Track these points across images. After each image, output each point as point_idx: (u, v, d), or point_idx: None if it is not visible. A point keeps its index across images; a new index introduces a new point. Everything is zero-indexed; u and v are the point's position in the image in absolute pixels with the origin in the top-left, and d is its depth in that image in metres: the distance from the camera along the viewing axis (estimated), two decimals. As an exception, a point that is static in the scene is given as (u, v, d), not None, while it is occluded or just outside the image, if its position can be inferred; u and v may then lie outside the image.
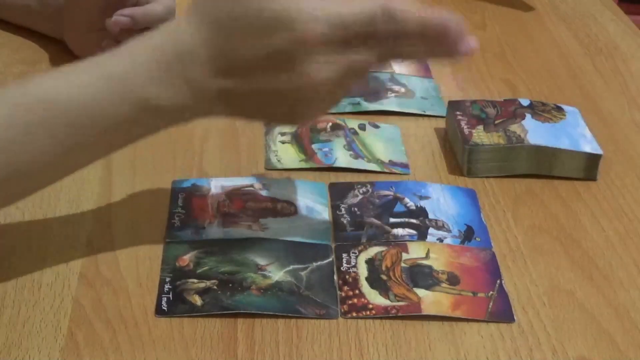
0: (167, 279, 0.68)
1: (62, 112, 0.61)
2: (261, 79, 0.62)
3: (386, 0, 0.62)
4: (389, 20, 0.62)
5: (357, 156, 0.83)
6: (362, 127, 0.88)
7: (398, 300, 0.67)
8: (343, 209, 0.77)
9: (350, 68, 0.63)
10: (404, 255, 0.72)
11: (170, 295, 0.66)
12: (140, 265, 0.69)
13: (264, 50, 0.61)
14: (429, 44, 0.64)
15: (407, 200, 0.78)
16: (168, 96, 0.62)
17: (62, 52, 0.95)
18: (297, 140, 0.85)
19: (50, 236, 0.71)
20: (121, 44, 0.64)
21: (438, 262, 0.71)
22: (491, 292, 0.69)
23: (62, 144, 0.61)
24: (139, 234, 0.72)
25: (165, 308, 0.65)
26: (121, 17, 0.86)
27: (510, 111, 0.87)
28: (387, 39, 0.62)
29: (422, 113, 0.92)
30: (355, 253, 0.72)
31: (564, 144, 0.82)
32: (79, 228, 0.72)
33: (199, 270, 0.69)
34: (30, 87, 0.62)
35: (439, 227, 0.75)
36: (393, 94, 0.95)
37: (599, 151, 0.83)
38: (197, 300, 0.66)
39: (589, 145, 0.83)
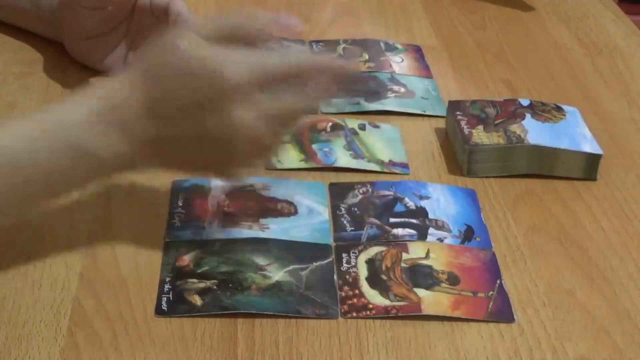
0: (167, 279, 0.68)
1: (4, 161, 0.62)
2: (191, 124, 0.64)
3: (301, 55, 0.69)
4: (306, 72, 0.67)
5: (357, 156, 0.83)
6: (362, 127, 0.88)
7: (398, 300, 0.67)
8: (343, 209, 0.77)
9: (277, 114, 0.66)
10: (404, 255, 0.72)
11: (170, 295, 0.66)
12: (140, 265, 0.69)
13: (192, 96, 0.64)
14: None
15: (407, 200, 0.78)
16: (105, 144, 0.64)
17: (61, 52, 0.95)
18: (297, 140, 0.85)
19: (50, 236, 0.71)
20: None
21: (438, 262, 0.71)
22: (491, 292, 0.69)
23: (5, 190, 0.63)
24: (139, 234, 0.72)
25: (165, 308, 0.65)
26: None
27: (510, 111, 0.87)
28: (307, 82, 0.67)
29: (422, 113, 0.92)
30: (355, 253, 0.72)
31: (564, 144, 0.82)
32: (79, 228, 0.72)
33: (199, 270, 0.69)
34: None
35: (439, 227, 0.75)
36: (393, 94, 0.95)
37: (599, 151, 0.83)
38: (197, 300, 0.66)
39: (589, 145, 0.83)
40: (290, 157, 0.83)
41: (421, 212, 0.77)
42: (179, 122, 0.64)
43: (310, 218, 0.75)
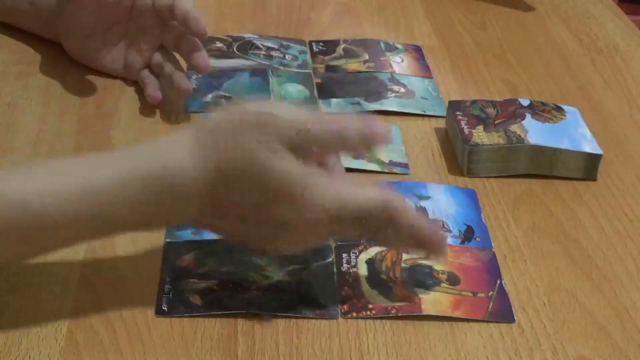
0: (167, 279, 0.68)
1: (34, 217, 0.59)
2: (251, 226, 0.63)
3: (389, 198, 0.63)
4: (387, 216, 0.63)
5: (357, 156, 0.83)
6: (362, 127, 0.88)
7: (398, 301, 0.67)
8: (343, 209, 0.77)
9: (334, 238, 0.67)
10: (404, 255, 0.71)
11: (171, 295, 0.66)
12: (140, 266, 0.69)
13: (263, 215, 0.61)
14: (414, 243, 0.65)
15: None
16: (143, 223, 0.63)
17: (61, 52, 0.95)
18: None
19: (50, 236, 0.71)
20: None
21: (438, 262, 0.71)
22: (491, 292, 0.69)
23: (31, 244, 0.61)
24: (139, 234, 0.72)
25: (165, 308, 0.65)
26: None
27: (510, 111, 0.87)
28: (377, 227, 0.63)
29: (422, 113, 0.92)
30: (356, 253, 0.72)
31: (564, 144, 0.82)
32: (79, 228, 0.72)
33: (199, 270, 0.69)
34: (6, 188, 0.60)
35: (439, 227, 0.75)
36: (393, 94, 0.95)
37: (599, 151, 0.83)
38: (197, 300, 0.66)
39: (589, 145, 0.83)
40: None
41: (421, 212, 0.77)
42: (238, 220, 0.62)
43: (310, 218, 0.75)
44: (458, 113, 0.86)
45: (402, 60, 1.01)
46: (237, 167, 0.60)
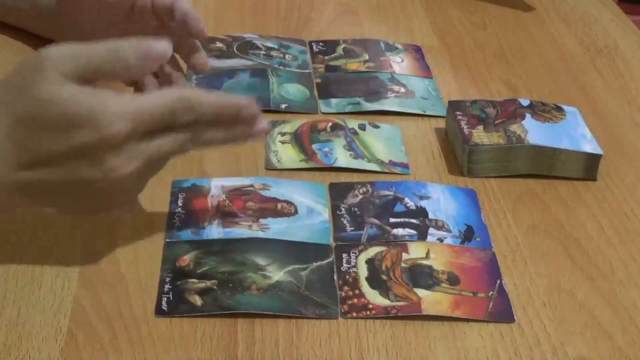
0: (167, 279, 0.68)
1: None
2: (64, 172, 0.62)
3: (181, 91, 0.64)
4: (187, 109, 0.63)
5: (357, 156, 0.83)
6: (362, 127, 0.88)
7: (398, 301, 0.67)
8: (343, 209, 0.77)
9: (154, 158, 0.64)
10: (404, 256, 0.72)
11: (170, 295, 0.66)
12: (140, 265, 0.69)
13: (67, 145, 0.61)
14: (227, 128, 0.65)
15: (407, 200, 0.78)
16: None
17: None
18: (297, 140, 0.85)
19: (50, 236, 0.71)
20: None
21: (438, 262, 0.71)
22: (491, 292, 0.69)
23: None
24: (139, 234, 0.72)
25: (165, 308, 0.65)
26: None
27: (510, 111, 0.87)
28: (187, 128, 0.64)
29: (422, 113, 0.92)
30: (355, 253, 0.72)
31: (564, 144, 0.82)
32: (79, 228, 0.72)
33: (199, 270, 0.69)
34: None
35: (439, 227, 0.75)
36: (393, 94, 0.95)
37: (599, 151, 0.83)
38: (197, 300, 0.66)
39: (589, 145, 0.83)
40: (290, 157, 0.83)
41: (421, 212, 0.77)
42: (53, 170, 0.62)
43: (310, 218, 0.75)
44: (458, 113, 0.86)
45: (402, 60, 1.01)
46: (35, 109, 0.61)
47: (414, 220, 0.76)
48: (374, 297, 0.68)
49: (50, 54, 0.62)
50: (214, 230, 0.73)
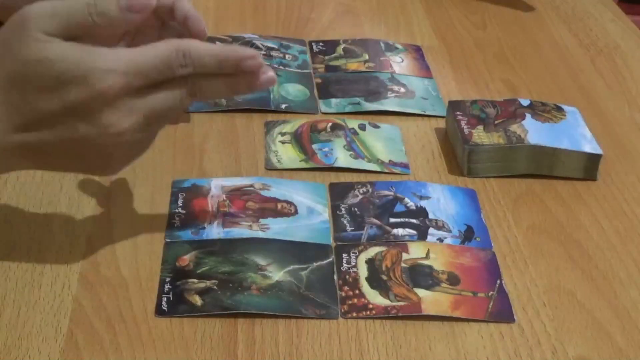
0: (167, 279, 0.68)
1: None
2: (61, 132, 0.61)
3: (179, 41, 0.62)
4: (185, 60, 0.61)
5: (357, 156, 0.83)
6: (362, 127, 0.88)
7: (398, 300, 0.67)
8: (343, 209, 0.77)
9: (152, 113, 0.62)
10: (404, 255, 0.72)
11: (171, 295, 0.66)
12: (140, 265, 0.69)
13: (60, 103, 0.60)
14: (229, 79, 0.63)
15: (407, 200, 0.78)
16: None
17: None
18: (297, 140, 0.85)
19: (50, 236, 0.71)
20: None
21: (438, 262, 0.71)
22: (491, 292, 0.69)
23: None
24: (139, 234, 0.72)
25: (165, 308, 0.65)
26: None
27: (510, 111, 0.87)
28: (186, 80, 0.62)
29: (422, 113, 0.92)
30: (356, 253, 0.72)
31: (564, 144, 0.82)
32: (79, 228, 0.72)
33: (199, 270, 0.69)
34: None
35: (439, 227, 0.75)
36: (393, 94, 0.95)
37: (599, 151, 0.83)
38: (197, 300, 0.66)
39: (589, 145, 0.83)
40: (290, 157, 0.83)
41: (421, 212, 0.77)
42: (49, 131, 0.61)
43: (310, 218, 0.75)
44: (458, 113, 0.86)
45: (402, 60, 1.01)
46: (16, 72, 0.60)
47: (414, 220, 0.76)
48: (374, 297, 0.68)
49: (30, 14, 0.61)
50: (214, 230, 0.73)
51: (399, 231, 0.75)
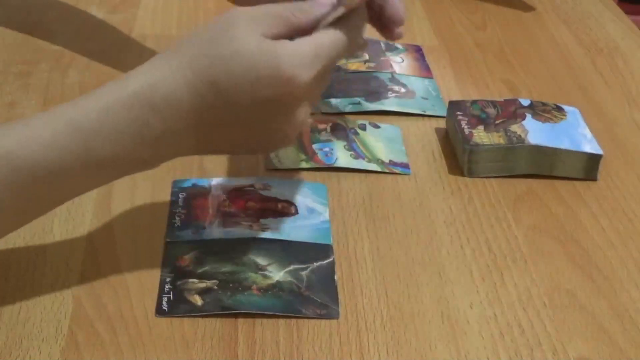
0: (168, 279, 0.68)
1: (24, 168, 0.57)
2: (255, 127, 0.63)
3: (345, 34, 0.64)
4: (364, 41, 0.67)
5: (357, 156, 0.83)
6: (363, 127, 0.88)
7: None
8: (343, 209, 0.77)
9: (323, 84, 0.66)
10: None
11: (171, 295, 0.66)
12: (140, 265, 0.69)
13: (256, 101, 0.61)
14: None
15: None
16: (136, 158, 0.61)
17: (61, 52, 0.95)
18: (298, 140, 0.85)
19: (51, 236, 0.71)
20: None
21: None
22: None
23: (22, 198, 0.59)
24: (139, 234, 0.72)
25: (165, 308, 0.65)
26: None
27: (511, 111, 0.87)
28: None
29: (423, 113, 0.92)
30: (356, 253, 0.72)
31: (564, 144, 0.83)
32: (79, 228, 0.72)
33: (199, 270, 0.69)
34: None
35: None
36: (393, 94, 0.95)
37: (599, 151, 0.83)
38: (198, 300, 0.66)
39: (589, 145, 0.83)
40: (291, 157, 0.83)
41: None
42: (235, 127, 0.62)
43: (310, 218, 0.75)
44: (458, 113, 0.86)
45: (403, 60, 1.01)
46: (229, 75, 0.60)
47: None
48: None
49: (241, 15, 0.61)
50: (215, 230, 0.73)
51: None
